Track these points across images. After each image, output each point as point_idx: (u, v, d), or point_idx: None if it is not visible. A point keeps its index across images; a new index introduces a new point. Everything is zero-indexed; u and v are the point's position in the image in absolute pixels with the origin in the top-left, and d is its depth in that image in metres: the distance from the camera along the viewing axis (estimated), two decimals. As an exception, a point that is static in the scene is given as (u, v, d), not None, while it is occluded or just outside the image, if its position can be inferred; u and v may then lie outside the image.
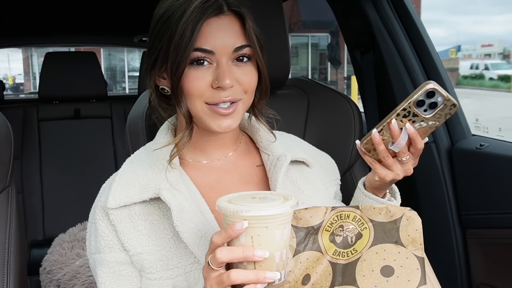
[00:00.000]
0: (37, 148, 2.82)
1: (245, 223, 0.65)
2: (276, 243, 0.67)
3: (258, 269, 0.67)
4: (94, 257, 0.88)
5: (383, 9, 1.53)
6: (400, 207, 0.79)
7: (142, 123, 1.15)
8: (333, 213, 0.79)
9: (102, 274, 0.86)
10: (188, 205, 0.84)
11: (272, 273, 0.67)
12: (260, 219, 0.65)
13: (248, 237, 0.66)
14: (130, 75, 16.25)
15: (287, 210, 0.67)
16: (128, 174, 0.88)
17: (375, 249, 0.76)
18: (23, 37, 3.19)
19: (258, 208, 0.65)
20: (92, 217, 0.91)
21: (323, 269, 0.77)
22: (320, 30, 16.73)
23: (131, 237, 0.85)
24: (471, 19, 37.47)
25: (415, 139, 0.83)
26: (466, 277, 1.44)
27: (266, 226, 0.66)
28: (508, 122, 7.17)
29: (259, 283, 0.67)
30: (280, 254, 0.68)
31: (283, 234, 0.68)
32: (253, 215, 0.65)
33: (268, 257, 0.66)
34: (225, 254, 0.66)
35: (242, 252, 0.66)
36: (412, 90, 1.50)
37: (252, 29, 0.83)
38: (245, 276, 0.66)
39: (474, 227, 1.41)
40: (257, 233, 0.66)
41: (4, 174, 1.16)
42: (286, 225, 0.68)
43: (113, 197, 0.85)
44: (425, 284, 0.74)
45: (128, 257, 0.86)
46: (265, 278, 0.66)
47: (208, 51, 0.80)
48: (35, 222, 2.71)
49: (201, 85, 0.80)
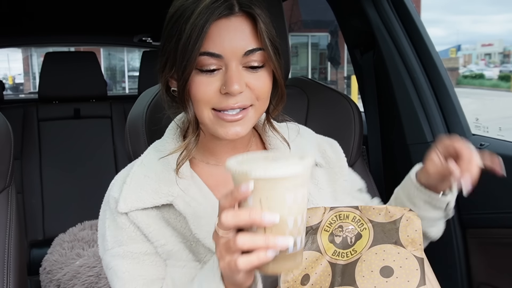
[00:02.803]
0: (37, 148, 2.82)
1: (251, 185, 0.59)
2: (287, 207, 0.60)
3: (269, 233, 0.60)
4: (112, 252, 0.84)
5: (383, 9, 1.53)
6: (400, 207, 0.79)
7: (142, 123, 1.14)
8: (332, 213, 0.79)
9: (125, 265, 0.82)
10: (203, 210, 0.82)
11: (284, 239, 0.60)
12: (268, 180, 0.59)
13: (257, 200, 0.60)
14: (130, 75, 16.24)
15: (299, 171, 0.60)
16: (140, 177, 0.85)
17: (375, 250, 0.76)
18: (23, 37, 3.19)
19: (266, 169, 0.59)
20: (103, 214, 0.87)
21: (322, 270, 0.76)
22: (320, 30, 16.72)
23: (151, 229, 0.82)
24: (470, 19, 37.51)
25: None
26: (466, 277, 1.44)
27: (276, 189, 0.59)
28: (508, 121, 7.17)
29: (269, 249, 0.60)
30: (294, 220, 0.61)
31: (296, 197, 0.61)
32: (259, 176, 0.59)
33: (279, 222, 0.60)
34: (231, 217, 0.60)
35: (248, 216, 0.59)
36: (412, 89, 1.50)
37: (265, 31, 0.76)
38: (252, 241, 0.60)
39: (474, 227, 1.41)
40: (266, 195, 0.60)
41: (4, 174, 1.16)
42: (300, 188, 0.61)
43: (124, 201, 0.82)
44: (424, 285, 0.74)
45: (152, 247, 0.83)
46: (276, 244, 0.59)
47: (216, 55, 0.75)
48: (35, 222, 2.71)
49: (208, 90, 0.76)
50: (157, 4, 0.85)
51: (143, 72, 3.15)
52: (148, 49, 3.32)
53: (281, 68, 0.80)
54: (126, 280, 0.82)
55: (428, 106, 1.48)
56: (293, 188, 0.60)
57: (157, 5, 1.10)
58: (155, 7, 0.85)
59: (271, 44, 0.78)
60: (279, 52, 0.80)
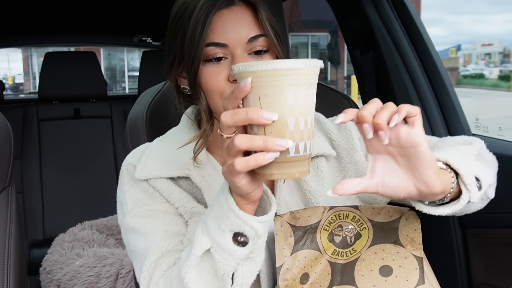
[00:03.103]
0: (37, 148, 2.82)
1: (249, 79, 0.58)
2: (288, 106, 0.58)
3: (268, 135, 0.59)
4: (133, 213, 0.85)
5: (383, 8, 1.53)
6: (399, 207, 0.79)
7: (142, 123, 1.14)
8: (331, 213, 0.79)
9: (147, 222, 0.83)
10: (218, 185, 0.83)
11: (283, 141, 0.58)
12: (267, 75, 0.58)
13: (256, 98, 0.59)
14: (130, 75, 16.23)
15: (300, 66, 0.58)
16: (158, 149, 0.89)
17: (374, 249, 0.76)
18: (23, 37, 3.19)
19: (265, 63, 0.58)
20: (122, 180, 0.89)
21: (322, 269, 0.77)
22: (320, 29, 16.72)
23: (171, 193, 0.85)
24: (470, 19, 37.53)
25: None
26: (466, 277, 1.44)
27: (275, 85, 0.58)
28: (508, 121, 7.17)
29: (268, 150, 0.58)
30: (295, 121, 0.59)
31: (297, 96, 0.59)
32: (258, 69, 0.58)
33: (279, 122, 0.58)
34: (229, 116, 0.60)
35: (246, 113, 0.58)
36: (412, 89, 1.50)
37: (266, 18, 0.80)
38: (250, 141, 0.59)
39: (474, 227, 1.41)
40: (265, 93, 0.58)
41: (4, 174, 1.16)
42: (302, 86, 0.59)
43: (141, 169, 0.85)
44: (423, 284, 0.74)
45: (173, 208, 0.85)
46: (274, 145, 0.58)
47: (221, 44, 0.78)
48: (35, 222, 2.71)
49: (218, 80, 0.79)
50: (157, 4, 0.85)
51: (143, 72, 3.15)
52: (148, 49, 3.32)
53: (283, 53, 0.83)
54: (148, 234, 0.83)
55: (428, 106, 1.48)
56: (294, 86, 0.58)
57: (157, 5, 1.10)
58: (155, 7, 0.85)
59: (273, 30, 0.81)
60: (281, 38, 0.83)
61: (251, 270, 0.72)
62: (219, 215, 0.68)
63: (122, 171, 0.90)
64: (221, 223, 0.68)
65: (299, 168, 0.61)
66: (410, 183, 0.65)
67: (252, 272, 0.72)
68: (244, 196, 0.66)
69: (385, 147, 0.65)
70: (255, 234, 0.68)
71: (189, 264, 0.71)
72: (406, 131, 0.63)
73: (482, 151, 0.87)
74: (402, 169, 0.65)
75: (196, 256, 0.71)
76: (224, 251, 0.69)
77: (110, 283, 1.96)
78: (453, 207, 0.70)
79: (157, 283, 0.77)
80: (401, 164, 0.65)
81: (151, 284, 0.78)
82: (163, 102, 1.16)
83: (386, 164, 0.66)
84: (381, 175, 0.66)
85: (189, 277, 0.71)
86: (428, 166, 0.64)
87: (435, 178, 0.64)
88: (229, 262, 0.69)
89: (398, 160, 0.65)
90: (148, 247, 0.81)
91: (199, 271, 0.72)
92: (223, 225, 0.68)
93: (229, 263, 0.69)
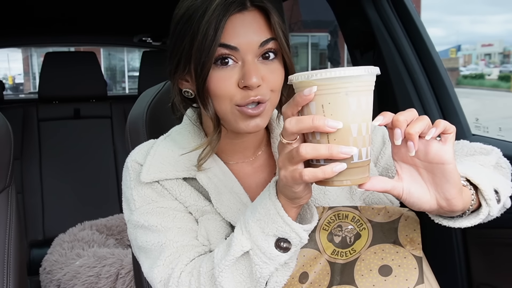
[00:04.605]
0: (37, 148, 2.82)
1: (314, 88, 0.59)
2: (351, 113, 0.59)
3: (332, 143, 0.59)
4: (141, 210, 0.84)
5: (383, 9, 1.53)
6: (399, 207, 0.79)
7: (142, 123, 1.14)
8: (330, 212, 0.79)
9: (157, 219, 0.82)
10: (224, 186, 0.85)
11: (348, 148, 0.59)
12: (330, 83, 0.59)
13: (319, 106, 0.60)
14: (130, 75, 16.22)
15: (360, 72, 0.59)
16: (163, 149, 0.88)
17: (374, 249, 0.76)
18: (23, 37, 3.19)
19: (326, 71, 0.59)
20: (127, 177, 0.88)
21: (321, 268, 0.77)
22: (320, 30, 16.72)
23: (181, 192, 0.85)
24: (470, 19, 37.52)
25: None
26: (466, 277, 1.44)
27: (338, 92, 0.59)
28: (508, 122, 7.16)
29: (333, 158, 0.59)
30: (358, 127, 0.60)
31: (359, 102, 0.60)
32: (321, 78, 0.59)
33: (343, 129, 0.59)
34: (294, 123, 0.61)
35: (312, 121, 0.59)
36: (412, 89, 1.50)
37: (277, 23, 0.79)
38: (315, 150, 0.59)
39: (474, 227, 1.41)
40: (328, 100, 0.59)
41: (4, 174, 1.16)
42: (364, 92, 0.60)
43: (147, 171, 0.85)
44: (422, 283, 0.74)
45: (182, 206, 0.85)
46: (339, 153, 0.58)
47: (232, 47, 0.76)
48: (35, 222, 2.71)
49: (228, 85, 0.77)
50: (157, 4, 0.85)
51: (143, 72, 3.15)
52: (148, 49, 3.31)
53: (291, 57, 0.82)
54: (160, 230, 0.82)
55: (428, 106, 1.48)
56: (356, 93, 0.60)
57: (157, 5, 1.10)
58: (155, 7, 0.85)
59: (283, 35, 0.80)
60: (289, 43, 0.82)
61: (284, 275, 0.73)
62: (264, 219, 0.69)
63: (128, 167, 0.89)
64: (265, 227, 0.68)
65: (361, 174, 0.62)
66: (433, 198, 0.67)
67: (284, 277, 0.73)
68: (294, 200, 0.67)
69: (411, 158, 0.66)
70: (299, 242, 0.69)
71: (226, 264, 0.71)
72: (437, 147, 0.64)
73: (499, 159, 0.88)
74: (425, 182, 0.67)
75: (234, 257, 0.71)
76: (264, 255, 0.69)
77: (110, 283, 1.96)
78: (472, 220, 0.73)
79: (179, 277, 0.77)
80: (424, 178, 0.67)
81: (172, 278, 0.77)
82: (163, 102, 1.16)
83: (411, 174, 0.68)
84: (408, 182, 0.67)
85: (223, 276, 0.72)
86: (453, 185, 0.65)
87: (458, 196, 0.66)
88: (268, 266, 0.70)
89: (422, 173, 0.67)
90: (162, 243, 0.81)
91: (233, 271, 0.72)
92: (267, 229, 0.68)
93: (268, 267, 0.70)
